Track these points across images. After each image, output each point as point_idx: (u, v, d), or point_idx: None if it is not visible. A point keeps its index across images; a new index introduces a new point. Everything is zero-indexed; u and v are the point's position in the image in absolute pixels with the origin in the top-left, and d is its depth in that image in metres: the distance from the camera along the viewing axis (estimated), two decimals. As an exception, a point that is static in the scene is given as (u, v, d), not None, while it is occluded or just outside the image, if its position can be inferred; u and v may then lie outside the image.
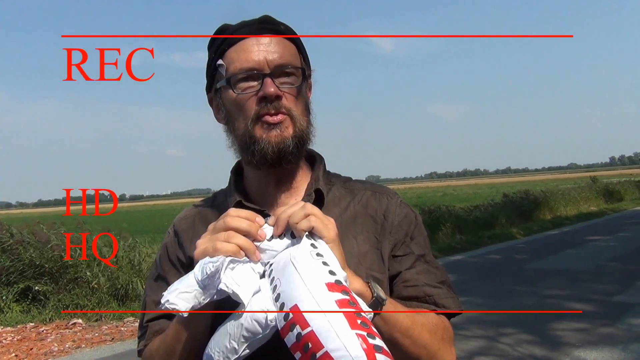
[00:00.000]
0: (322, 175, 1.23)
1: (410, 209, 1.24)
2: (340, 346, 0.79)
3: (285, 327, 0.85)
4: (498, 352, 5.36)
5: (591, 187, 28.20)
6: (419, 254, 1.19)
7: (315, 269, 0.89)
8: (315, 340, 0.80)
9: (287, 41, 1.16)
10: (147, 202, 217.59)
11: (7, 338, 6.96)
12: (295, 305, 0.85)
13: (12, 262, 8.10)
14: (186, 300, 0.89)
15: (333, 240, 0.97)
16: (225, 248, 0.94)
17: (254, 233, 0.97)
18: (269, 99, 1.10)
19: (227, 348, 0.90)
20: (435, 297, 1.15)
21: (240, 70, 1.11)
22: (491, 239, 15.04)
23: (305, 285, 0.86)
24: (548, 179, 78.45)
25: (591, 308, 6.90)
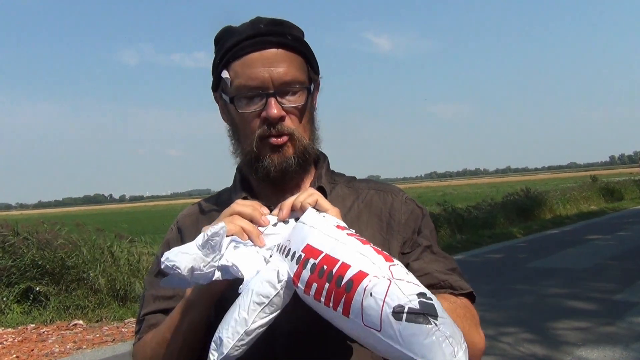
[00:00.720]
0: (325, 173, 1.22)
1: (416, 205, 1.23)
2: (356, 254, 0.77)
3: (299, 269, 0.83)
4: (499, 352, 5.36)
5: (591, 186, 28.18)
6: (426, 245, 1.17)
7: (323, 220, 0.89)
8: (330, 259, 0.79)
9: (293, 54, 1.13)
10: (148, 202, 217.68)
11: (7, 339, 6.95)
12: (307, 244, 0.84)
13: (14, 262, 8.09)
14: (185, 260, 0.86)
15: (337, 214, 0.96)
16: (229, 226, 0.93)
17: (257, 218, 0.97)
18: (271, 121, 1.09)
19: (237, 320, 0.86)
20: (450, 281, 1.12)
21: (244, 88, 1.10)
22: (491, 238, 15.04)
23: (315, 229, 0.86)
24: (548, 178, 78.47)
25: (592, 307, 6.90)
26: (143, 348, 1.14)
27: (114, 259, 8.73)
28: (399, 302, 0.69)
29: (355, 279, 0.74)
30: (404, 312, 0.69)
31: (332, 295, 0.76)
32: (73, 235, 8.82)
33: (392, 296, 0.70)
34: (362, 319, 0.73)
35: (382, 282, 0.72)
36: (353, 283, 0.74)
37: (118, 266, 8.63)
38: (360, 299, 0.72)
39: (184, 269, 0.85)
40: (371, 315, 0.71)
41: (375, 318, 0.71)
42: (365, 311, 0.72)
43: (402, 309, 0.69)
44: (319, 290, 0.79)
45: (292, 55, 1.13)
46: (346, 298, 0.74)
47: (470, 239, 14.64)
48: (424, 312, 0.68)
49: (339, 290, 0.75)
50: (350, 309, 0.74)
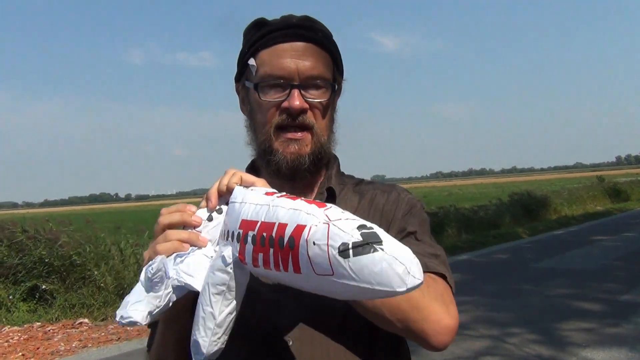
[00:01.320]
0: (335, 174, 1.22)
1: (416, 201, 1.22)
2: (290, 212, 0.77)
3: (241, 247, 0.83)
4: (504, 352, 5.34)
5: (597, 186, 28.09)
6: (410, 231, 1.14)
7: (252, 192, 0.88)
8: (266, 225, 0.79)
9: (322, 51, 1.13)
10: (153, 201, 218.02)
11: (13, 337, 6.98)
12: (241, 220, 0.84)
13: (21, 260, 8.12)
14: (140, 310, 0.86)
15: (264, 184, 0.94)
16: (166, 247, 0.91)
17: (188, 220, 0.94)
18: (292, 112, 1.08)
19: (204, 317, 0.87)
20: (425, 262, 1.04)
21: (270, 77, 1.09)
22: (497, 238, 15.01)
23: (245, 203, 0.86)
24: (554, 178, 78.23)
25: (597, 308, 6.88)
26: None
27: (122, 256, 8.75)
28: (342, 240, 0.69)
29: (295, 235, 0.74)
30: (349, 248, 0.69)
31: (279, 258, 0.76)
32: (79, 235, 8.83)
33: (333, 237, 0.70)
34: (313, 270, 0.72)
35: (321, 228, 0.72)
36: (294, 239, 0.74)
37: (126, 264, 8.66)
38: (305, 252, 0.72)
39: (142, 319, 0.86)
40: (320, 262, 0.71)
41: (325, 264, 0.71)
42: (313, 261, 0.72)
43: (347, 246, 0.69)
44: (266, 259, 0.78)
45: (321, 52, 1.13)
46: (292, 256, 0.74)
47: (476, 239, 14.61)
48: (367, 242, 0.69)
49: (284, 251, 0.75)
50: (299, 265, 0.74)
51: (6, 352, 6.39)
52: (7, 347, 6.62)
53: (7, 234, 8.51)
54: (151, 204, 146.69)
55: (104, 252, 8.59)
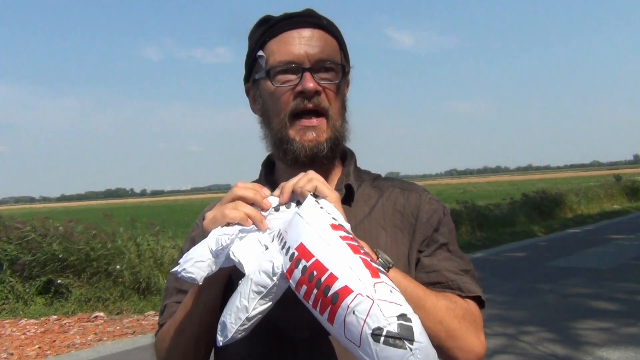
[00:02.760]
0: (353, 171, 1.22)
1: (439, 204, 1.22)
2: (344, 266, 0.79)
3: (291, 266, 0.85)
4: (519, 351, 5.31)
5: (614, 185, 27.80)
6: (442, 242, 1.16)
7: (319, 215, 0.90)
8: (320, 266, 0.81)
9: (328, 36, 1.15)
10: (168, 197, 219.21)
11: (30, 330, 7.07)
12: (300, 243, 0.86)
13: (34, 256, 8.22)
14: (201, 269, 0.90)
15: (336, 200, 0.96)
16: (233, 214, 0.94)
17: (259, 201, 0.97)
18: (307, 94, 1.09)
19: (238, 307, 0.91)
20: (459, 282, 1.11)
21: (280, 63, 1.11)
22: (512, 236, 14.93)
23: (310, 226, 0.88)
24: (570, 176, 77.56)
25: (614, 307, 6.82)
26: (162, 337, 1.15)
27: (139, 251, 8.81)
28: (379, 324, 0.72)
29: (340, 293, 0.77)
30: (382, 334, 0.72)
31: (320, 302, 0.80)
32: (95, 231, 8.90)
33: (372, 317, 0.73)
34: (344, 331, 0.76)
35: (365, 302, 0.74)
36: (338, 297, 0.77)
37: (142, 259, 8.71)
38: (343, 314, 0.76)
39: (200, 279, 0.90)
40: (352, 331, 0.75)
41: (356, 335, 0.74)
42: (347, 326, 0.76)
43: (381, 332, 0.72)
44: (308, 293, 0.82)
45: (328, 37, 1.14)
46: (331, 309, 0.78)
47: (491, 236, 14.54)
48: (400, 337, 0.72)
49: (326, 299, 0.78)
50: (334, 319, 0.77)
51: (23, 345, 6.47)
52: (24, 339, 6.71)
53: (18, 233, 8.61)
54: (166, 199, 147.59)
55: (120, 247, 8.65)
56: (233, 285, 1.01)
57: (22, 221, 9.08)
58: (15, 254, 8.35)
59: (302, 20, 1.13)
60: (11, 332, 7.03)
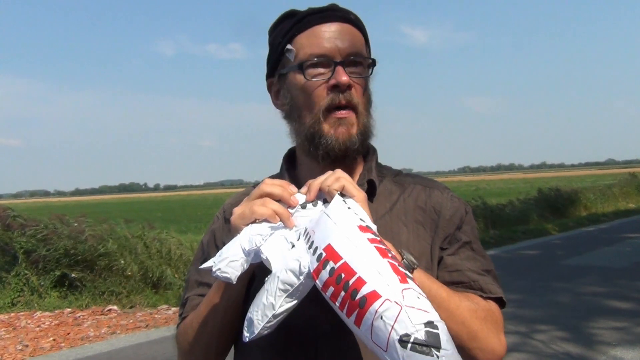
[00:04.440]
0: (375, 166, 1.21)
1: (461, 202, 1.22)
2: (373, 270, 0.80)
3: (319, 267, 0.86)
4: (532, 349, 5.29)
5: (630, 183, 27.52)
6: (465, 241, 1.17)
7: (347, 216, 0.90)
8: (348, 269, 0.82)
9: (356, 30, 1.15)
10: (181, 192, 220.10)
11: (45, 322, 7.15)
12: (328, 244, 0.87)
13: (49, 251, 8.30)
14: (235, 269, 0.92)
15: (363, 200, 0.96)
16: (261, 211, 0.95)
17: (287, 198, 0.98)
18: (341, 88, 1.09)
19: (265, 305, 0.92)
20: (481, 283, 1.13)
21: (311, 56, 1.10)
22: (525, 234, 14.84)
23: (338, 227, 0.88)
24: (585, 174, 76.97)
25: (629, 306, 6.77)
26: (185, 330, 1.15)
27: (146, 247, 8.88)
28: (407, 330, 0.74)
29: (368, 298, 0.78)
30: (409, 341, 0.73)
31: (347, 304, 0.81)
32: (98, 229, 8.97)
33: (400, 323, 0.74)
34: (370, 335, 0.77)
35: (393, 308, 0.76)
36: (366, 301, 0.78)
37: (150, 254, 8.78)
38: (371, 318, 0.77)
39: (235, 278, 0.92)
40: (379, 335, 0.76)
41: (383, 340, 0.76)
42: (374, 330, 0.77)
43: (409, 338, 0.73)
44: (335, 295, 0.83)
45: (356, 31, 1.15)
46: (359, 312, 0.79)
47: (504, 234, 14.47)
48: (427, 344, 0.73)
49: (353, 302, 0.79)
50: (361, 323, 0.78)
51: (38, 337, 6.54)
52: (39, 331, 6.78)
53: (34, 226, 8.70)
54: (179, 194, 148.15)
55: (127, 243, 8.71)
56: (256, 279, 1.03)
57: (35, 220, 9.16)
58: (30, 247, 8.44)
59: (331, 14, 1.12)
60: (26, 324, 7.12)
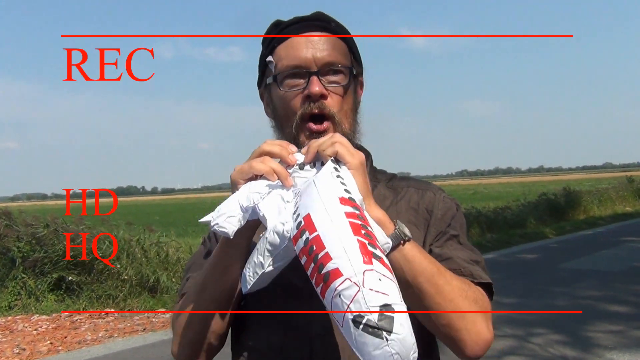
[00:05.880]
0: (369, 172, 1.21)
1: (453, 202, 1.24)
2: (340, 247, 0.82)
3: (297, 234, 0.89)
4: (528, 352, 5.30)
5: (627, 187, 27.55)
6: (452, 234, 1.18)
7: (331, 185, 0.93)
8: (319, 243, 0.84)
9: (337, 39, 1.16)
10: (179, 195, 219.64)
11: (42, 326, 7.13)
12: (308, 214, 0.89)
13: (47, 253, 8.29)
14: (232, 224, 0.94)
15: (356, 167, 0.98)
16: (260, 167, 0.98)
17: (285, 157, 1.00)
18: (313, 98, 1.10)
19: (256, 263, 0.96)
20: (471, 270, 1.13)
21: (287, 68, 1.12)
22: (523, 237, 14.85)
23: (320, 197, 0.91)
24: (582, 178, 76.96)
25: (625, 310, 6.78)
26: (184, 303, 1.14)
27: (143, 251, 8.86)
28: (359, 311, 0.77)
29: (331, 274, 0.81)
30: (362, 322, 0.76)
31: (315, 276, 0.84)
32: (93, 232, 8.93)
33: (356, 304, 0.77)
34: (331, 308, 0.81)
35: (351, 288, 0.78)
36: (329, 277, 0.81)
37: (147, 258, 8.77)
38: (331, 295, 0.80)
39: (232, 233, 0.94)
40: (337, 311, 0.80)
41: (340, 316, 0.79)
42: (333, 306, 0.80)
43: (361, 320, 0.76)
44: (307, 265, 0.86)
45: (336, 40, 1.15)
46: (323, 286, 0.82)
47: (501, 238, 14.47)
48: (379, 327, 0.75)
49: (319, 276, 0.83)
50: (324, 296, 0.82)
51: (35, 340, 6.53)
52: (36, 335, 6.77)
53: (30, 230, 8.68)
54: (176, 197, 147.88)
55: (124, 247, 8.68)
56: None
57: (35, 216, 9.15)
58: (27, 251, 8.42)
59: (309, 24, 1.14)
60: (23, 328, 7.10)
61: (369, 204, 0.99)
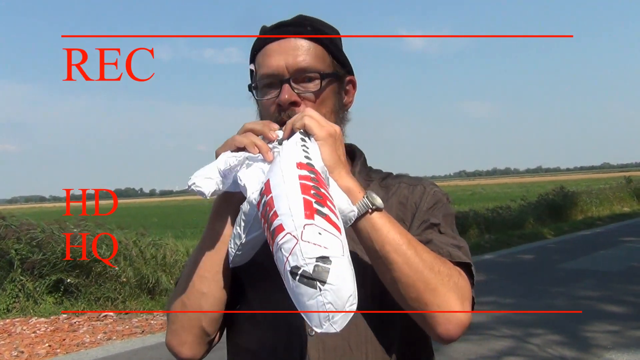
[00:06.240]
0: (360, 171, 1.23)
1: (444, 196, 1.22)
2: (286, 205, 0.87)
3: (259, 200, 0.94)
4: (527, 353, 5.30)
5: (625, 187, 27.58)
6: (432, 222, 1.15)
7: (292, 152, 0.98)
8: (271, 203, 0.89)
9: (312, 44, 1.14)
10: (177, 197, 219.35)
11: (40, 328, 7.12)
12: (268, 179, 0.94)
13: (45, 256, 8.27)
14: (209, 185, 0.97)
15: (323, 138, 1.01)
16: (241, 139, 1.03)
17: (266, 132, 1.04)
18: (283, 107, 1.11)
19: (235, 234, 1.02)
20: (449, 250, 1.09)
21: (263, 76, 1.14)
22: (521, 238, 14.85)
23: (279, 162, 0.96)
24: (580, 178, 77.00)
25: (623, 310, 6.79)
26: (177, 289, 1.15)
27: (141, 253, 8.85)
28: (297, 263, 0.81)
29: (276, 230, 0.86)
30: (298, 273, 0.80)
31: (268, 235, 0.89)
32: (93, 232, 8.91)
33: (294, 256, 0.82)
34: (276, 262, 0.86)
35: (291, 241, 0.83)
36: (274, 233, 0.86)
37: (145, 260, 8.76)
38: (276, 249, 0.85)
39: (208, 194, 0.98)
40: (279, 264, 0.84)
41: (281, 268, 0.84)
42: (276, 260, 0.85)
43: (297, 270, 0.80)
44: (264, 227, 0.91)
45: (311, 45, 1.14)
46: (272, 243, 0.87)
47: (500, 238, 14.48)
48: (313, 277, 0.79)
49: (269, 233, 0.88)
50: (273, 251, 0.87)
51: (33, 343, 6.52)
52: (34, 337, 6.76)
53: (28, 233, 8.67)
54: (175, 199, 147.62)
55: (121, 250, 8.66)
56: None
57: (31, 223, 9.12)
58: (25, 253, 8.41)
59: (283, 30, 1.14)
60: (21, 331, 7.09)
61: (339, 173, 1.02)
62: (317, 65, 1.14)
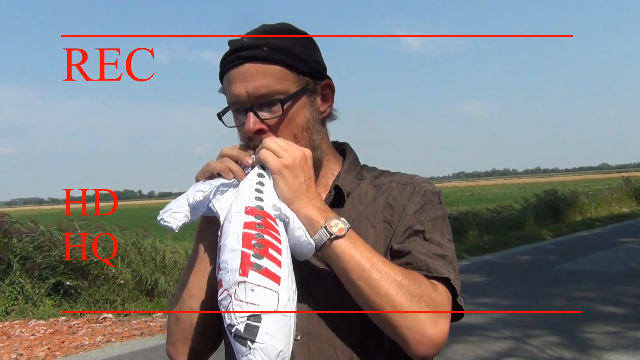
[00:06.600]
0: (347, 171, 1.21)
1: (432, 194, 1.17)
2: (226, 259, 0.92)
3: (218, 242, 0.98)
4: (526, 354, 5.31)
5: (624, 187, 27.59)
6: (416, 229, 1.11)
7: (244, 195, 1.01)
8: (219, 252, 0.95)
9: (270, 66, 1.09)
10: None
11: (39, 331, 7.12)
12: (223, 222, 1.00)
13: (44, 258, 8.27)
14: (177, 219, 1.01)
15: (278, 171, 1.03)
16: (216, 165, 1.07)
17: (242, 158, 1.08)
18: (250, 136, 1.11)
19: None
20: (427, 263, 1.06)
21: (230, 104, 1.14)
22: (520, 239, 14.86)
23: (234, 205, 1.00)
24: (579, 179, 77.03)
25: (622, 311, 6.80)
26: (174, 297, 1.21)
27: (140, 254, 8.84)
28: (230, 321, 0.87)
29: (219, 284, 0.92)
30: (232, 331, 0.87)
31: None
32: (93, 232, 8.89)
33: (228, 314, 0.88)
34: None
35: (227, 299, 0.89)
36: (218, 285, 0.92)
37: (144, 262, 8.74)
38: (218, 302, 0.91)
39: (177, 228, 1.01)
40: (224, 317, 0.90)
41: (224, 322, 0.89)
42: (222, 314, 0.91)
43: (232, 329, 0.87)
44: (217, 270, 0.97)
45: (268, 67, 1.09)
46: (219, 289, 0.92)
47: (499, 240, 14.48)
48: (243, 337, 0.85)
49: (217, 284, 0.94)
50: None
51: (32, 345, 6.52)
52: (34, 340, 6.75)
53: (28, 235, 8.66)
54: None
55: (119, 252, 8.63)
56: None
57: (31, 226, 9.10)
58: (25, 255, 8.40)
59: (238, 56, 1.09)
60: (20, 333, 7.08)
61: (299, 204, 1.03)
62: (277, 88, 1.09)
